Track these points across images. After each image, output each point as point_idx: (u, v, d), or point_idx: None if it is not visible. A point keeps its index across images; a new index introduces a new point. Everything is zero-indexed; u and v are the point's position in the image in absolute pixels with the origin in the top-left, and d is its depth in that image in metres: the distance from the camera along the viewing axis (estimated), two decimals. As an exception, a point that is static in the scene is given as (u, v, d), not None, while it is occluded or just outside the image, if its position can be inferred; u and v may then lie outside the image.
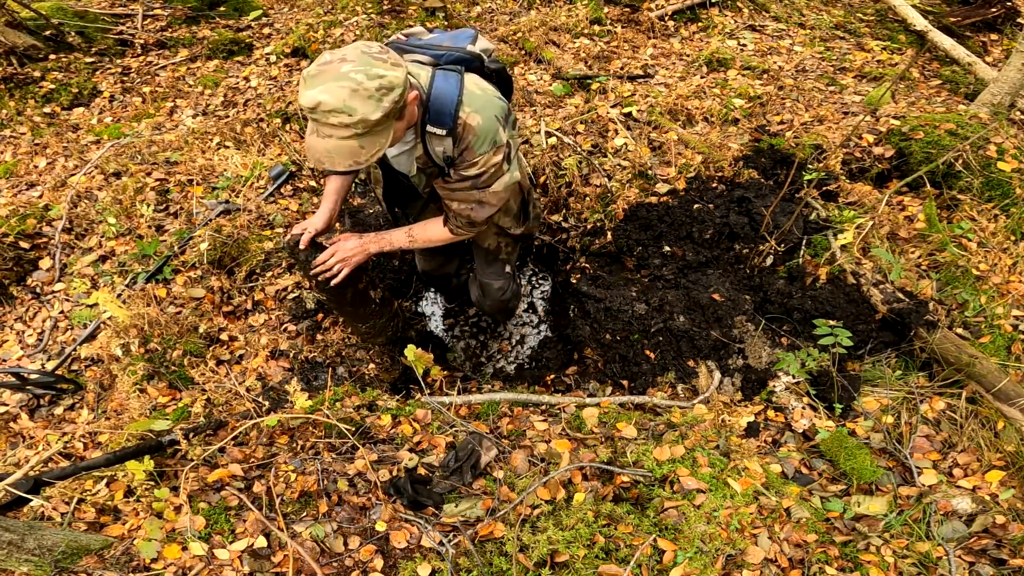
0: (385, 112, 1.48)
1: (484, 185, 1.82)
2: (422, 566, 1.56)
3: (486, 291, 2.54)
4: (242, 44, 3.95)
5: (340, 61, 1.46)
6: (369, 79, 1.45)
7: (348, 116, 1.45)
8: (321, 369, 2.43)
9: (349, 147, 1.51)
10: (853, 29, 4.18)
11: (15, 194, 3.03)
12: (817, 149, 2.89)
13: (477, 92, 1.72)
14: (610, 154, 3.04)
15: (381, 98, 1.46)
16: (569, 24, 4.01)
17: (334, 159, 1.52)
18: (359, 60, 1.46)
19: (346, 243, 2.00)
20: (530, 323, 3.16)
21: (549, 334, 3.08)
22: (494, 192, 1.84)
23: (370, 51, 1.50)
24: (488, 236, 2.29)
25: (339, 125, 1.47)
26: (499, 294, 2.53)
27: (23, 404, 2.28)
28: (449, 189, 1.87)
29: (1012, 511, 1.79)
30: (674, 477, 1.79)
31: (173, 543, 1.55)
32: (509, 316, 3.07)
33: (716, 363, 2.37)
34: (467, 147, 1.74)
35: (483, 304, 2.62)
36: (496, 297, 2.54)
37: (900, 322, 2.32)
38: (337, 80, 1.43)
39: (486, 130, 1.71)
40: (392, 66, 1.49)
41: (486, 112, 1.71)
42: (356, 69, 1.45)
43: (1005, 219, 2.61)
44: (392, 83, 1.48)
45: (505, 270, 2.49)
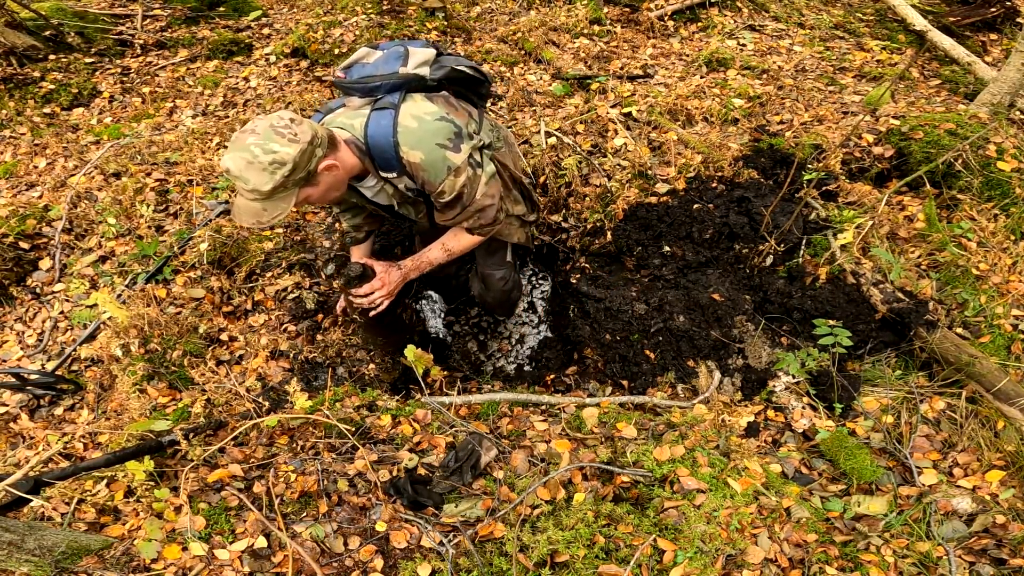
0: (276, 184, 1.59)
1: (468, 201, 1.89)
2: (422, 566, 1.56)
3: (488, 283, 2.52)
4: (242, 44, 3.95)
5: (250, 132, 1.59)
6: (264, 154, 1.56)
7: (244, 184, 1.58)
8: (321, 369, 2.43)
9: (253, 208, 1.64)
10: (853, 29, 4.18)
11: (15, 194, 3.03)
12: (817, 149, 2.89)
13: (412, 126, 1.75)
14: (610, 154, 3.04)
15: (274, 172, 1.57)
16: (569, 24, 4.01)
17: (240, 215, 1.67)
18: (263, 134, 1.58)
19: (390, 276, 2.05)
20: (530, 323, 3.16)
21: (549, 334, 3.08)
22: (481, 196, 1.90)
23: (277, 125, 1.60)
24: (515, 230, 2.30)
25: (243, 189, 1.61)
26: (501, 284, 2.51)
27: (23, 404, 2.28)
28: (447, 217, 1.95)
29: (1012, 511, 1.79)
30: (674, 477, 1.79)
31: (173, 543, 1.55)
32: (511, 310, 3.03)
33: (716, 363, 2.37)
34: (424, 181, 1.80)
35: (485, 297, 2.60)
36: (499, 288, 2.52)
37: (900, 322, 2.32)
38: (240, 151, 1.57)
39: (431, 163, 1.76)
40: (289, 142, 1.59)
41: (425, 145, 1.74)
42: (256, 142, 1.57)
43: (1005, 219, 2.61)
44: (283, 159, 1.58)
45: (506, 259, 2.48)
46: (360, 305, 2.07)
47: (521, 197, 2.25)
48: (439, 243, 2.09)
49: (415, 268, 2.10)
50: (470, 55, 3.75)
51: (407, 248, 2.94)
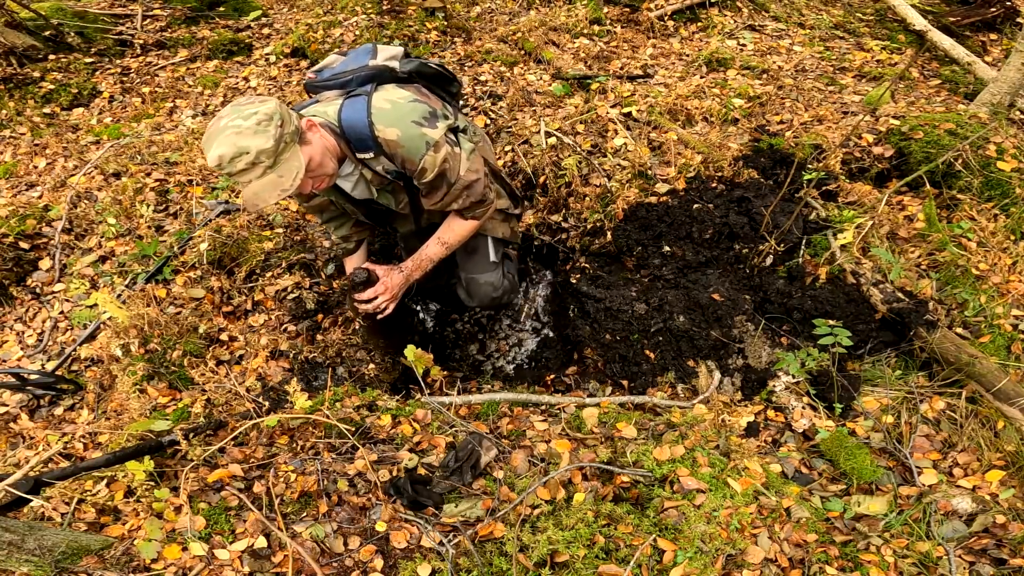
0: (276, 137, 1.57)
1: (453, 178, 1.89)
2: (422, 566, 1.56)
3: (472, 290, 2.40)
4: (242, 44, 3.95)
5: (218, 120, 1.59)
6: (245, 120, 1.55)
7: (248, 154, 1.54)
8: (321, 369, 2.43)
9: (269, 181, 1.60)
10: (852, 29, 4.18)
11: (15, 194, 3.03)
12: (817, 149, 2.89)
13: (386, 107, 1.76)
14: (610, 154, 3.04)
15: (265, 128, 1.56)
16: (569, 24, 4.01)
17: (263, 196, 1.61)
18: (231, 113, 1.58)
19: (392, 279, 2.06)
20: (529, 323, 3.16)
21: (549, 334, 3.08)
22: (466, 172, 1.90)
23: (239, 102, 1.62)
24: (497, 224, 2.32)
25: (247, 167, 1.56)
26: (488, 290, 2.38)
27: (23, 404, 2.28)
28: (434, 200, 1.94)
29: (1012, 511, 1.79)
30: (674, 477, 1.79)
31: (173, 543, 1.55)
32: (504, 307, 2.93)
33: (716, 363, 2.37)
34: (403, 159, 1.80)
35: (471, 304, 2.50)
36: (486, 294, 2.39)
37: (900, 322, 2.32)
38: (220, 134, 1.55)
39: (409, 138, 1.76)
40: (260, 103, 1.59)
41: (401, 122, 1.75)
42: (231, 119, 1.56)
43: (1005, 219, 2.61)
44: (268, 113, 1.57)
45: (490, 259, 2.36)
46: (365, 310, 2.09)
47: (503, 191, 2.27)
48: (435, 238, 2.09)
49: (416, 268, 2.10)
50: (470, 55, 3.75)
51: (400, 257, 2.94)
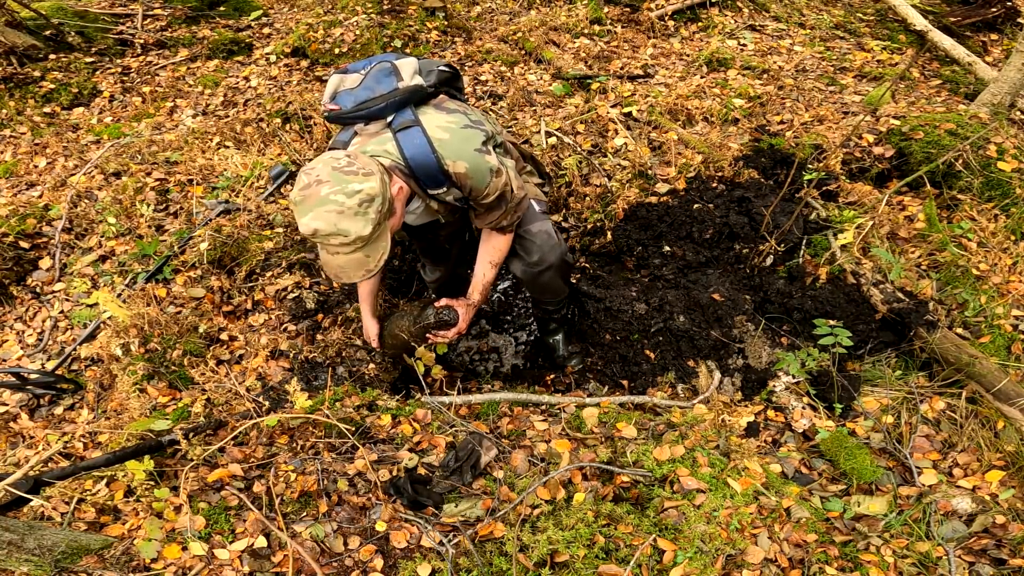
0: (375, 223, 1.56)
1: (510, 198, 1.91)
2: (422, 566, 1.56)
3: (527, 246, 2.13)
4: (242, 44, 3.95)
5: (316, 183, 1.53)
6: (348, 197, 1.52)
7: (344, 237, 1.53)
8: (321, 369, 2.43)
9: (357, 260, 1.61)
10: (853, 29, 4.18)
11: (15, 194, 3.03)
12: (817, 149, 2.89)
13: (445, 137, 1.76)
14: (610, 154, 3.04)
15: (366, 211, 1.54)
16: (569, 24, 4.01)
17: (348, 273, 1.63)
18: (333, 179, 1.53)
19: (468, 313, 2.12)
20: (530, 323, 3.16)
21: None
22: (516, 191, 1.92)
23: (340, 165, 1.56)
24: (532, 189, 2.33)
25: (340, 245, 1.56)
26: (546, 238, 2.13)
27: (23, 404, 2.28)
28: (489, 219, 1.95)
29: (1012, 511, 1.79)
30: (674, 477, 1.79)
31: (173, 543, 1.55)
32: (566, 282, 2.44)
33: (716, 363, 2.37)
34: (471, 188, 1.81)
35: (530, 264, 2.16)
36: (544, 242, 2.12)
37: (900, 322, 2.32)
38: (321, 205, 1.51)
39: (476, 169, 1.77)
40: (364, 176, 1.56)
41: (466, 153, 1.75)
42: (334, 190, 1.52)
43: (1005, 219, 2.61)
44: (371, 194, 1.55)
45: (537, 210, 2.15)
46: (438, 341, 2.19)
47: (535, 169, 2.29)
48: (485, 262, 2.10)
49: (482, 297, 2.15)
50: (471, 55, 3.75)
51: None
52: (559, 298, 2.51)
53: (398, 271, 2.99)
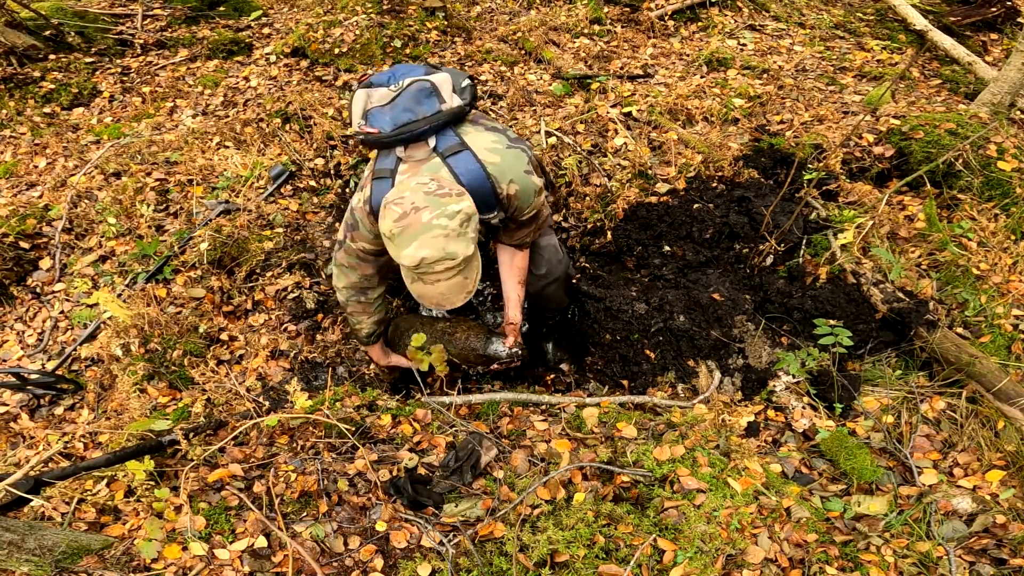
0: (474, 242, 1.57)
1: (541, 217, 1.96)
2: (422, 566, 1.56)
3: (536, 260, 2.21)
4: (242, 44, 3.95)
5: (414, 211, 1.52)
6: (450, 219, 1.52)
7: (452, 260, 1.54)
8: (321, 369, 2.43)
9: (458, 283, 1.61)
10: (853, 29, 4.18)
11: (15, 194, 3.03)
12: (817, 149, 2.89)
13: (496, 159, 1.76)
14: (610, 154, 3.04)
15: (466, 231, 1.55)
16: (569, 24, 4.01)
17: (450, 298, 1.63)
18: (431, 204, 1.52)
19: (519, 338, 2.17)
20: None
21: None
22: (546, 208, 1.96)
23: (431, 189, 1.56)
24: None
25: (444, 270, 1.55)
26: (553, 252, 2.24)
27: (23, 404, 2.28)
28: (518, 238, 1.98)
29: (1012, 511, 1.79)
30: (674, 477, 1.79)
31: (173, 543, 1.55)
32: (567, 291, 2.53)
33: (716, 363, 2.37)
34: (516, 208, 1.84)
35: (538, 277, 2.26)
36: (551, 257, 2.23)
37: (900, 321, 2.32)
38: (427, 231, 1.51)
39: (526, 189, 1.79)
40: (458, 196, 1.57)
41: (517, 175, 1.77)
42: (435, 214, 1.51)
43: (1005, 218, 2.61)
44: (468, 213, 1.56)
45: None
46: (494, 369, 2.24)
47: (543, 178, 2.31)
48: (513, 282, 2.13)
49: (521, 314, 2.19)
50: (470, 55, 3.75)
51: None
52: (560, 307, 2.61)
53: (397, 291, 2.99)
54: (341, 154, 3.19)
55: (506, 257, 2.10)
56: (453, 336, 2.21)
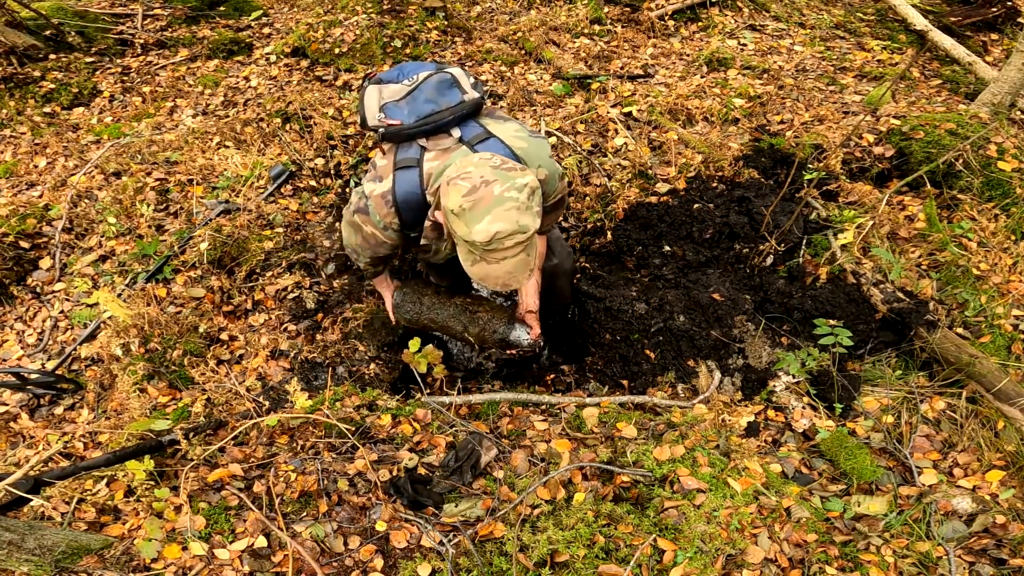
0: (539, 216, 1.54)
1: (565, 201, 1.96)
2: (422, 566, 1.56)
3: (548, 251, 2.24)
4: (242, 44, 3.95)
5: (484, 184, 1.48)
6: (520, 191, 1.49)
7: (523, 234, 1.50)
8: (321, 369, 2.43)
9: (522, 261, 1.56)
10: (853, 29, 4.18)
11: (15, 194, 3.03)
12: (817, 149, 2.88)
13: (525, 146, 1.76)
14: (610, 154, 3.04)
15: (532, 204, 1.52)
16: (569, 24, 4.01)
17: (516, 277, 1.58)
18: (500, 177, 1.50)
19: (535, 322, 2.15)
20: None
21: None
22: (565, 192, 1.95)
23: (497, 164, 1.54)
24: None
25: (514, 245, 1.51)
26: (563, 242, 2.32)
27: (23, 404, 2.28)
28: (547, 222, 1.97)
29: (1012, 511, 1.79)
30: (674, 477, 1.79)
31: (173, 543, 1.55)
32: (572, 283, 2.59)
33: (716, 363, 2.37)
34: (544, 193, 1.82)
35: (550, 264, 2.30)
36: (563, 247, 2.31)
37: (900, 322, 2.32)
38: (500, 204, 1.47)
39: (553, 174, 1.80)
40: (522, 171, 1.55)
41: (544, 160, 1.77)
42: (505, 188, 1.48)
43: (1005, 219, 2.61)
44: (534, 186, 1.53)
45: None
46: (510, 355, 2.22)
47: None
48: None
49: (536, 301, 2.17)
50: (471, 55, 3.75)
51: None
52: (564, 303, 2.61)
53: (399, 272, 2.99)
54: (341, 154, 3.19)
55: None
56: (476, 315, 2.16)
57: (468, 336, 2.17)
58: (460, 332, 2.19)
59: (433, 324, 2.25)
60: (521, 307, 2.17)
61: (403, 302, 2.27)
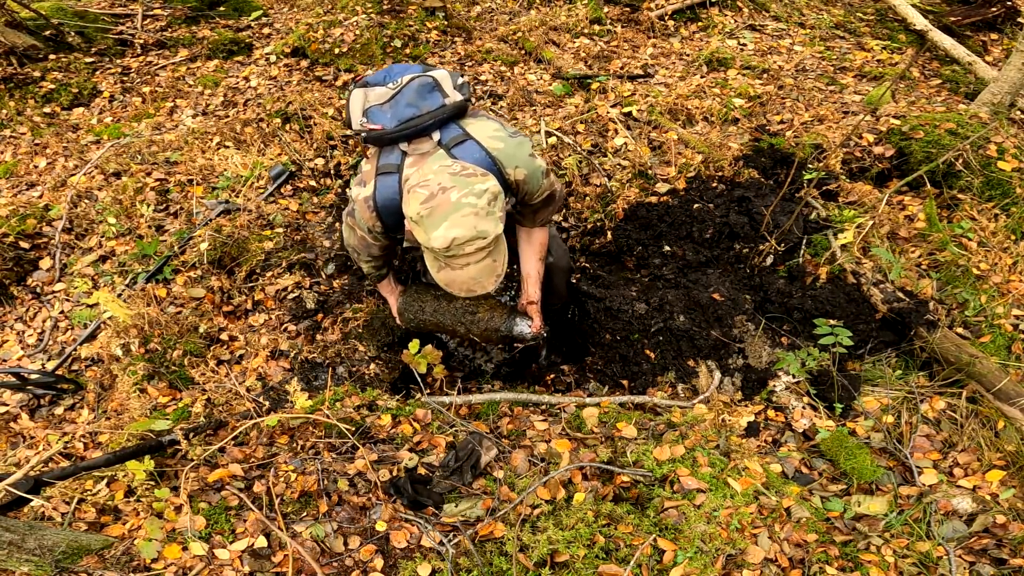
0: (501, 221, 1.54)
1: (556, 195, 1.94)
2: (422, 566, 1.56)
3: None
4: (242, 44, 3.95)
5: (441, 191, 1.49)
6: (478, 197, 1.49)
7: (483, 240, 1.50)
8: (321, 369, 2.43)
9: (487, 266, 1.57)
10: (853, 28, 4.18)
11: (15, 194, 3.03)
12: (817, 148, 2.88)
13: (500, 146, 1.75)
14: (610, 154, 3.04)
15: (494, 210, 1.52)
16: (569, 24, 4.01)
17: (481, 282, 1.59)
18: (457, 184, 1.50)
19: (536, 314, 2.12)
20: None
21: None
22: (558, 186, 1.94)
23: (456, 170, 1.55)
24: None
25: (474, 251, 1.52)
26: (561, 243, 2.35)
27: (23, 404, 2.28)
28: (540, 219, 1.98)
29: (1012, 511, 1.79)
30: (674, 477, 1.79)
31: (173, 543, 1.55)
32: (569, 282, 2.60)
33: (716, 363, 2.37)
34: (526, 193, 1.83)
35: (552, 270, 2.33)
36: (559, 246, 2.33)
37: (900, 321, 2.32)
38: (456, 210, 1.47)
39: (532, 174, 1.79)
40: (483, 176, 1.56)
41: (523, 160, 1.77)
42: (463, 193, 1.49)
43: (1005, 218, 2.61)
44: (495, 192, 1.53)
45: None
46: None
47: None
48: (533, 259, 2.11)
49: (539, 292, 2.16)
50: (471, 55, 3.75)
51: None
52: (561, 302, 2.60)
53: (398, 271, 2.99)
54: (341, 154, 3.19)
55: (524, 234, 2.10)
56: (475, 315, 2.16)
57: (472, 336, 2.17)
58: (464, 333, 2.19)
59: (438, 327, 2.25)
60: (523, 299, 2.17)
61: (407, 307, 2.27)
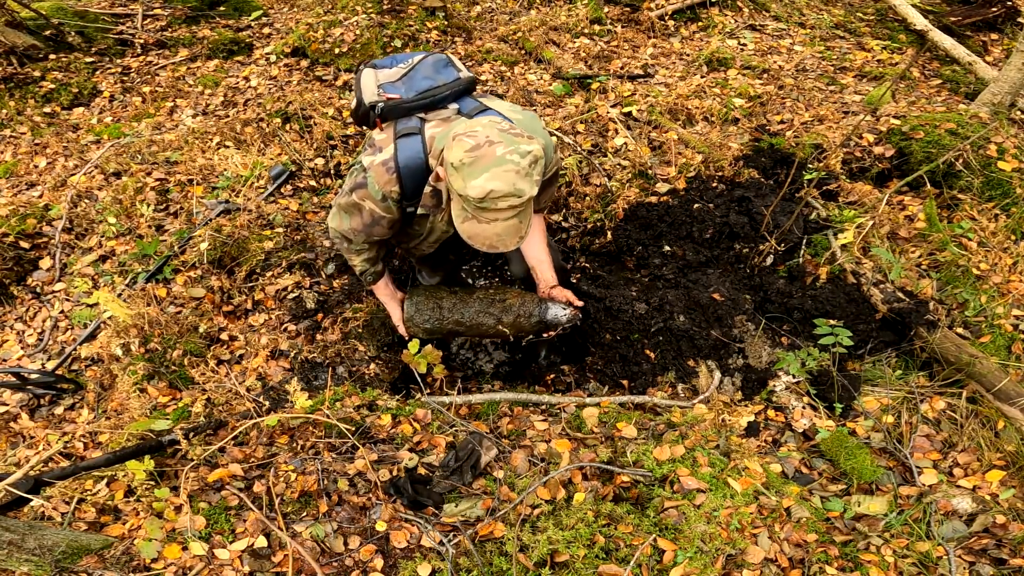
0: (538, 184, 1.54)
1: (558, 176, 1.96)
2: (422, 566, 1.56)
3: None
4: (242, 44, 3.95)
5: (488, 144, 1.49)
6: (522, 157, 1.49)
7: (517, 198, 1.50)
8: (321, 369, 2.43)
9: (513, 226, 1.57)
10: (853, 28, 4.18)
11: (15, 194, 3.03)
12: (817, 148, 2.88)
13: (519, 116, 1.78)
14: (610, 154, 3.04)
15: (533, 172, 1.52)
16: (569, 24, 4.00)
17: (505, 240, 1.59)
18: (505, 140, 1.50)
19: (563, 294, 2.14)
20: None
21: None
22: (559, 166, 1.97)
23: (505, 128, 1.55)
24: None
25: (506, 208, 1.52)
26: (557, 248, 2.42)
27: (23, 404, 2.28)
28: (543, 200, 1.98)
29: (1012, 511, 1.79)
30: (674, 477, 1.79)
31: (173, 543, 1.55)
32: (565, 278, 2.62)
33: (716, 363, 2.37)
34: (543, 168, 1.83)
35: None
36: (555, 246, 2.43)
37: (900, 322, 2.32)
38: (499, 165, 1.47)
39: (548, 145, 1.80)
40: (529, 139, 1.55)
41: (536, 129, 1.79)
42: (508, 150, 1.49)
43: (1005, 218, 2.61)
44: (537, 156, 1.53)
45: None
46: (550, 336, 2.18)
47: None
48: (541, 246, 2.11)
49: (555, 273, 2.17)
50: (471, 54, 3.75)
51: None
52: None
53: (397, 271, 2.99)
54: (341, 154, 3.19)
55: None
56: (506, 303, 2.06)
57: (503, 328, 2.04)
58: (493, 326, 2.06)
59: (459, 326, 2.11)
60: (543, 286, 2.13)
61: (418, 311, 2.13)
